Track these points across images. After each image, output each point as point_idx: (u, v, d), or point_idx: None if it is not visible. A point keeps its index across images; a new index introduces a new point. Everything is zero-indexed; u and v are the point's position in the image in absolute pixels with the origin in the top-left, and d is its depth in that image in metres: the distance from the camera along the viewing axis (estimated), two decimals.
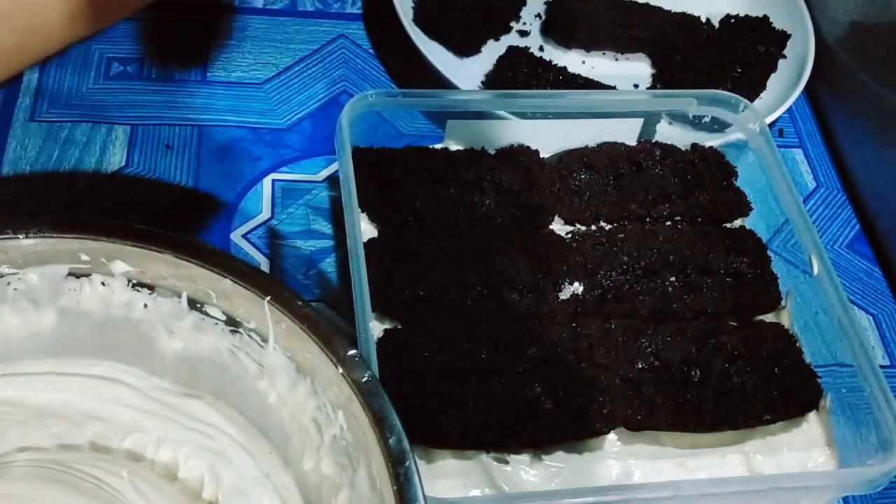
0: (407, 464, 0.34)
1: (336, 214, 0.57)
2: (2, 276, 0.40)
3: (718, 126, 0.60)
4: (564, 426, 0.47)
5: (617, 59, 0.70)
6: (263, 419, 0.42)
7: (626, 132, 0.59)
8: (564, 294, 0.51)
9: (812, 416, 0.51)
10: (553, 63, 0.66)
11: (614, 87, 0.65)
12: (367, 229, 0.53)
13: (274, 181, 0.59)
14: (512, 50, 0.66)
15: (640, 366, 0.49)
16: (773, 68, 0.68)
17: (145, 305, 0.41)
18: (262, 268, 0.54)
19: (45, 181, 0.56)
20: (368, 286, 0.47)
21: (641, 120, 0.60)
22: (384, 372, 0.44)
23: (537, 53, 0.68)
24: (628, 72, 0.69)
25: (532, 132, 0.58)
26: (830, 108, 0.69)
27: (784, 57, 0.68)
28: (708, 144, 0.59)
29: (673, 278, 0.53)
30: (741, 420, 0.48)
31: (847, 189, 0.66)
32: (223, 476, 0.40)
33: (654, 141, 0.59)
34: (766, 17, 0.70)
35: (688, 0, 0.71)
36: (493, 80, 0.65)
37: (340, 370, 0.37)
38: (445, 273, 0.51)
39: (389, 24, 0.65)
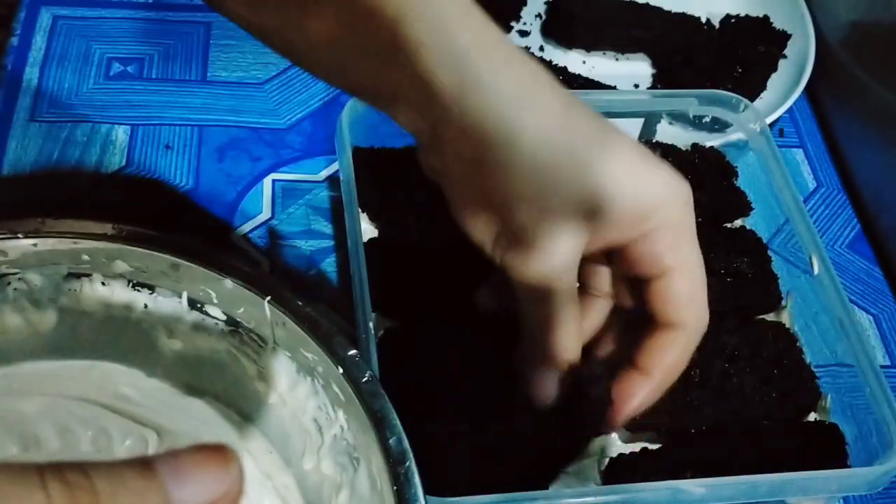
0: (407, 464, 0.34)
1: (336, 214, 0.57)
2: (2, 276, 0.40)
3: (719, 126, 0.59)
4: (564, 426, 0.47)
5: (617, 59, 0.70)
6: (263, 419, 0.42)
7: (626, 132, 0.59)
8: None
9: (812, 416, 0.51)
10: (553, 63, 0.66)
11: (614, 87, 0.65)
12: (367, 229, 0.53)
13: (274, 181, 0.59)
14: None
15: None
16: (774, 68, 0.68)
17: (145, 306, 0.41)
18: (262, 268, 0.54)
19: (45, 181, 0.56)
20: (368, 286, 0.47)
21: (642, 120, 0.60)
22: (384, 372, 0.44)
23: (537, 53, 0.68)
24: (628, 72, 0.69)
25: None
26: (830, 108, 0.69)
27: (784, 57, 0.68)
28: (708, 144, 0.59)
29: None
30: (740, 423, 0.48)
31: (847, 189, 0.66)
32: None
33: (654, 141, 0.59)
34: (766, 17, 0.70)
35: (688, 0, 0.71)
36: None
37: (340, 370, 0.37)
38: (446, 272, 0.51)
39: None
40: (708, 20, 0.71)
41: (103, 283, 0.41)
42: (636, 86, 0.68)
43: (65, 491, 0.17)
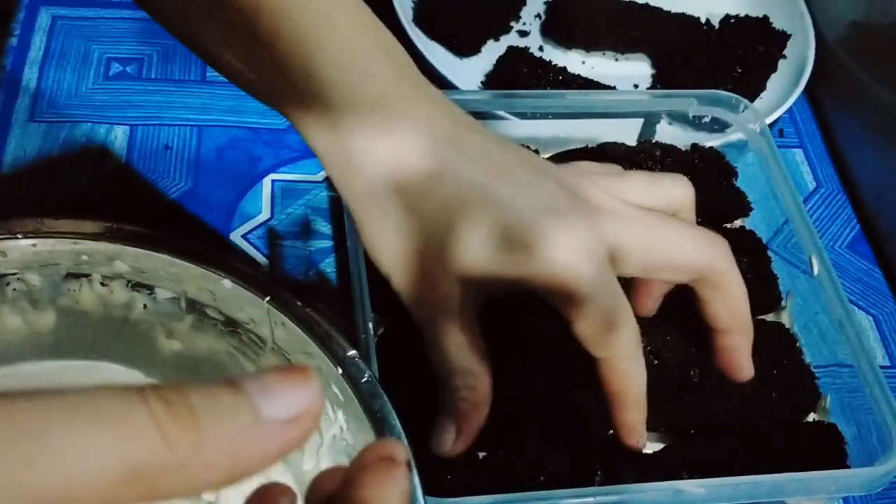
0: None
1: (336, 214, 0.57)
2: (1, 277, 0.39)
3: (718, 126, 0.59)
4: (564, 426, 0.47)
5: (617, 59, 0.70)
6: None
7: (626, 132, 0.59)
8: None
9: (812, 416, 0.51)
10: (553, 63, 0.66)
11: (614, 87, 0.65)
12: None
13: (274, 181, 0.59)
14: (512, 50, 0.66)
15: None
16: (773, 68, 0.68)
17: (144, 306, 0.41)
18: (261, 268, 0.54)
19: (45, 181, 0.56)
20: (368, 286, 0.47)
21: (641, 120, 0.60)
22: (384, 372, 0.44)
23: (537, 53, 0.68)
24: (628, 72, 0.69)
25: (532, 132, 0.58)
26: (830, 108, 0.69)
27: (784, 57, 0.68)
28: (708, 144, 0.59)
29: None
30: (739, 424, 0.48)
31: (847, 189, 0.66)
32: None
33: (654, 141, 0.59)
34: (766, 17, 0.70)
35: (688, 0, 0.71)
36: (493, 80, 0.65)
37: (340, 370, 0.37)
38: None
39: (389, 24, 0.64)
40: (708, 20, 0.71)
41: (102, 284, 0.41)
42: (636, 86, 0.68)
43: (164, 405, 0.18)
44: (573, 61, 0.69)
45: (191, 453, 0.18)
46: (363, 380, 0.37)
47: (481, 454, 0.46)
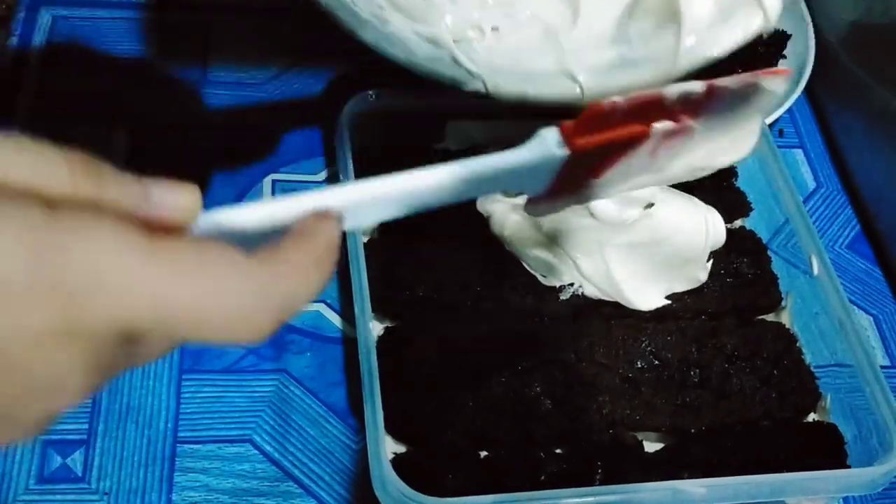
0: None
1: None
2: None
3: None
4: (564, 426, 0.47)
5: None
6: None
7: None
8: (564, 294, 0.51)
9: (812, 416, 0.51)
10: None
11: None
12: (366, 230, 0.53)
13: (274, 181, 0.59)
14: None
15: (639, 365, 0.49)
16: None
17: None
18: None
19: None
20: (368, 286, 0.47)
21: None
22: (384, 372, 0.44)
23: None
24: None
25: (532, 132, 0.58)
26: (830, 108, 0.69)
27: (784, 57, 0.68)
28: None
29: None
30: (739, 424, 0.48)
31: (847, 189, 0.66)
32: None
33: None
34: None
35: None
36: None
37: None
38: (445, 273, 0.51)
39: None
40: None
41: None
42: None
43: None
44: None
45: None
46: None
47: (481, 454, 0.46)
